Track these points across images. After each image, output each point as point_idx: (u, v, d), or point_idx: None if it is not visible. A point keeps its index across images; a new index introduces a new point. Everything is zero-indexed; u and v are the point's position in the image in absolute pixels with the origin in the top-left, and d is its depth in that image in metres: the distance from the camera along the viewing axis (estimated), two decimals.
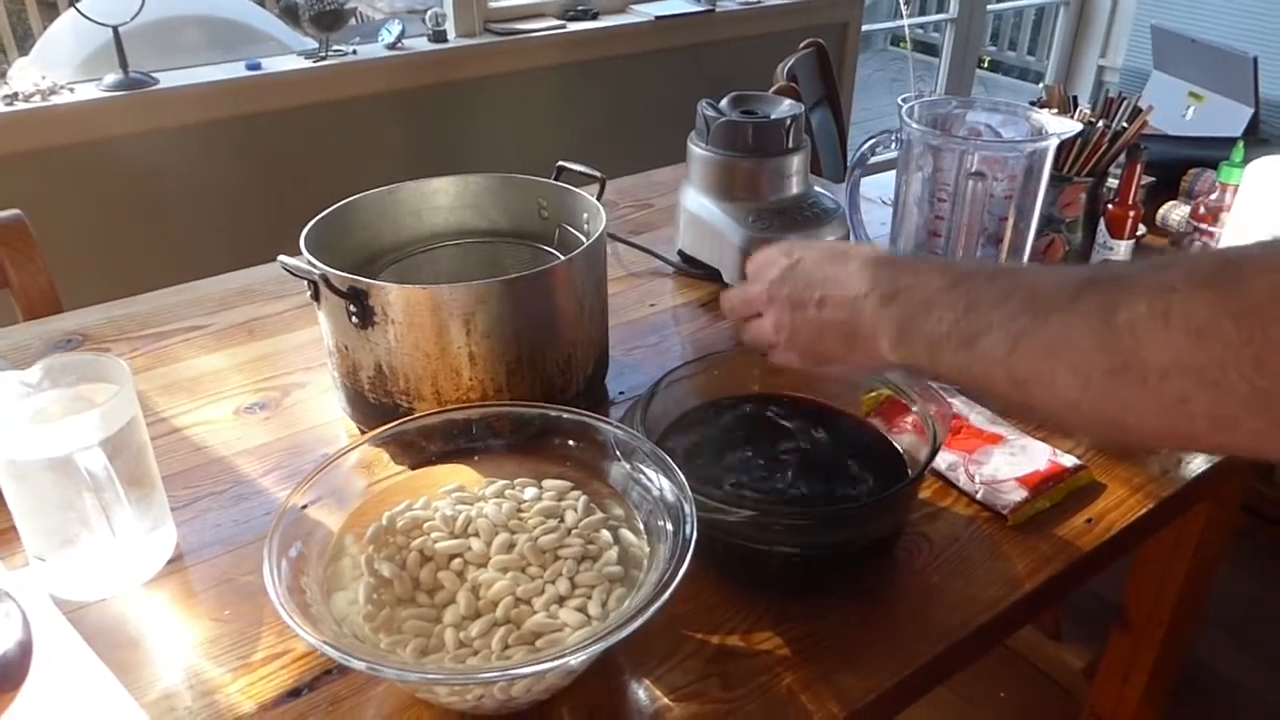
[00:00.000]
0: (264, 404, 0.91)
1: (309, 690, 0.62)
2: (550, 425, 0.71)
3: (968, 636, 0.67)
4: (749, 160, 1.07)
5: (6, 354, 0.95)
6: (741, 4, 2.72)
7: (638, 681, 0.63)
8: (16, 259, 1.16)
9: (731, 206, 1.07)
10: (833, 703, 0.61)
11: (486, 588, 0.60)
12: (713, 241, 1.09)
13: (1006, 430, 0.85)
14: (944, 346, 0.54)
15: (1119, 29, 3.66)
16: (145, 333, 1.03)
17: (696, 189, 1.11)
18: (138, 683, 0.62)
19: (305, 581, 0.59)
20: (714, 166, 1.08)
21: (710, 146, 1.08)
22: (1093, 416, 0.48)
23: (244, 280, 1.14)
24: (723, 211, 1.07)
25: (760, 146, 1.06)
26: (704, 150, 1.09)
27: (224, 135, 2.08)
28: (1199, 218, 1.20)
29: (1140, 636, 1.08)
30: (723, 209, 1.07)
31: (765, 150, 1.06)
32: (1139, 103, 1.23)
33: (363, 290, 0.76)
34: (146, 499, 0.69)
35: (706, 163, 1.09)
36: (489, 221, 0.99)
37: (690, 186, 1.12)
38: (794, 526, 0.66)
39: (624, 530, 0.66)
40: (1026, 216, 0.91)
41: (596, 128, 2.54)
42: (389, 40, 2.26)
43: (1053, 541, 0.75)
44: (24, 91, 1.88)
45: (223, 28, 2.38)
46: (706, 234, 1.10)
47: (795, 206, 1.08)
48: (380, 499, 0.68)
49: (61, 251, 1.44)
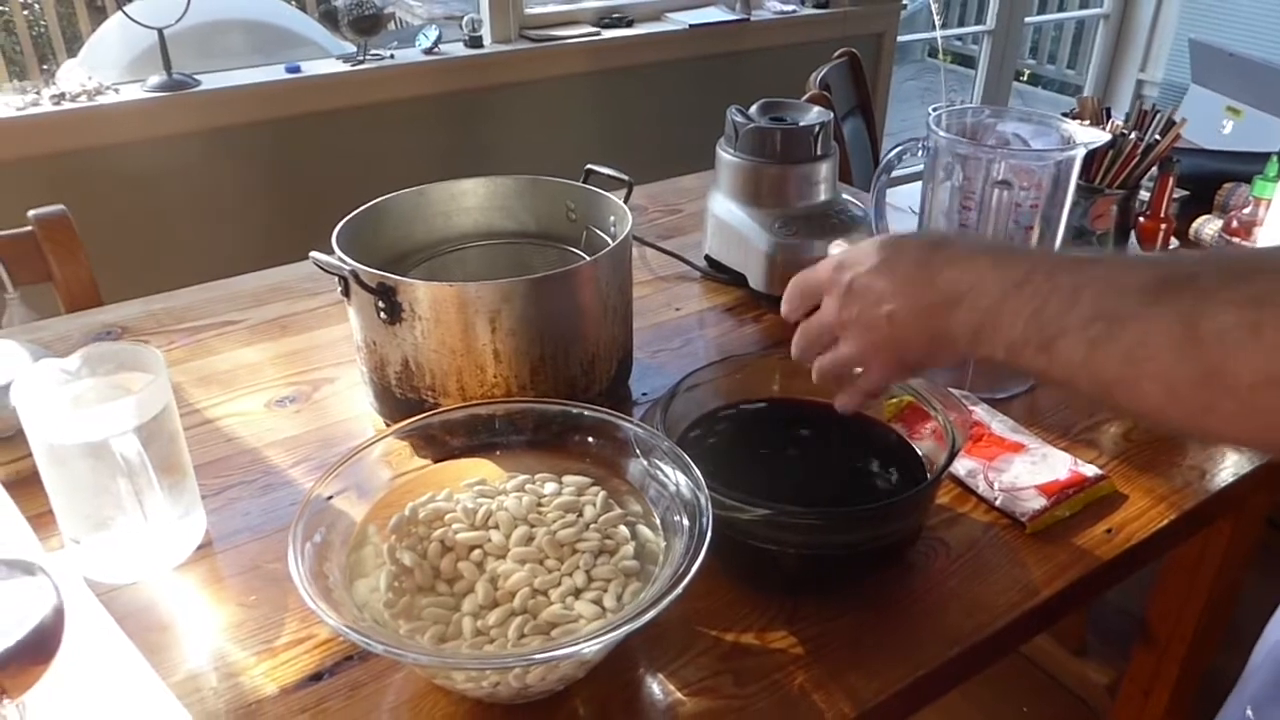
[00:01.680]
0: (294, 398, 0.93)
1: (330, 675, 0.63)
2: (571, 422, 0.72)
3: (981, 641, 0.67)
4: (776, 166, 1.07)
5: (49, 344, 0.98)
6: (776, 14, 2.73)
7: (651, 676, 0.64)
8: (59, 253, 1.20)
9: (759, 212, 1.08)
10: (844, 702, 0.62)
11: (505, 578, 0.61)
12: (739, 247, 1.10)
13: (1028, 439, 0.85)
14: (1022, 350, 0.54)
15: (1159, 43, 3.62)
16: (182, 326, 1.06)
17: (724, 194, 1.11)
18: (166, 663, 0.64)
19: (328, 568, 0.60)
20: (742, 172, 1.09)
21: (738, 152, 1.09)
22: (1180, 422, 0.48)
23: (278, 277, 1.17)
24: (749, 217, 1.08)
25: (788, 153, 1.07)
26: (732, 156, 1.09)
27: (263, 136, 2.12)
28: (1231, 232, 1.19)
29: (1163, 652, 1.07)
30: (750, 214, 1.08)
31: (793, 157, 1.07)
32: (1174, 116, 1.22)
33: (391, 287, 0.78)
34: (178, 485, 0.71)
35: (734, 168, 1.09)
36: (517, 223, 1.00)
37: (718, 192, 1.13)
38: (808, 526, 0.67)
39: (641, 526, 0.67)
40: (1053, 227, 0.90)
41: (628, 134, 2.56)
42: (426, 45, 2.29)
43: (1071, 550, 0.75)
44: (71, 92, 1.93)
45: (264, 31, 2.42)
46: (733, 239, 1.11)
47: (822, 214, 1.08)
48: (403, 491, 0.69)
49: (103, 247, 1.47)
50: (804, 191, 1.09)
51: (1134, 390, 0.48)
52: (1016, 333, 0.54)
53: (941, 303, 0.58)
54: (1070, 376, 0.52)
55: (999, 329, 0.55)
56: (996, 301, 0.55)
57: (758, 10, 2.74)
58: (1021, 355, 0.54)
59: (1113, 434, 0.89)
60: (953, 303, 0.58)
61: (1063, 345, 0.51)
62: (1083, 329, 0.50)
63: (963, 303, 0.57)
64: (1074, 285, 0.51)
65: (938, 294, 0.59)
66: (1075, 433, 0.89)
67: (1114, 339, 0.48)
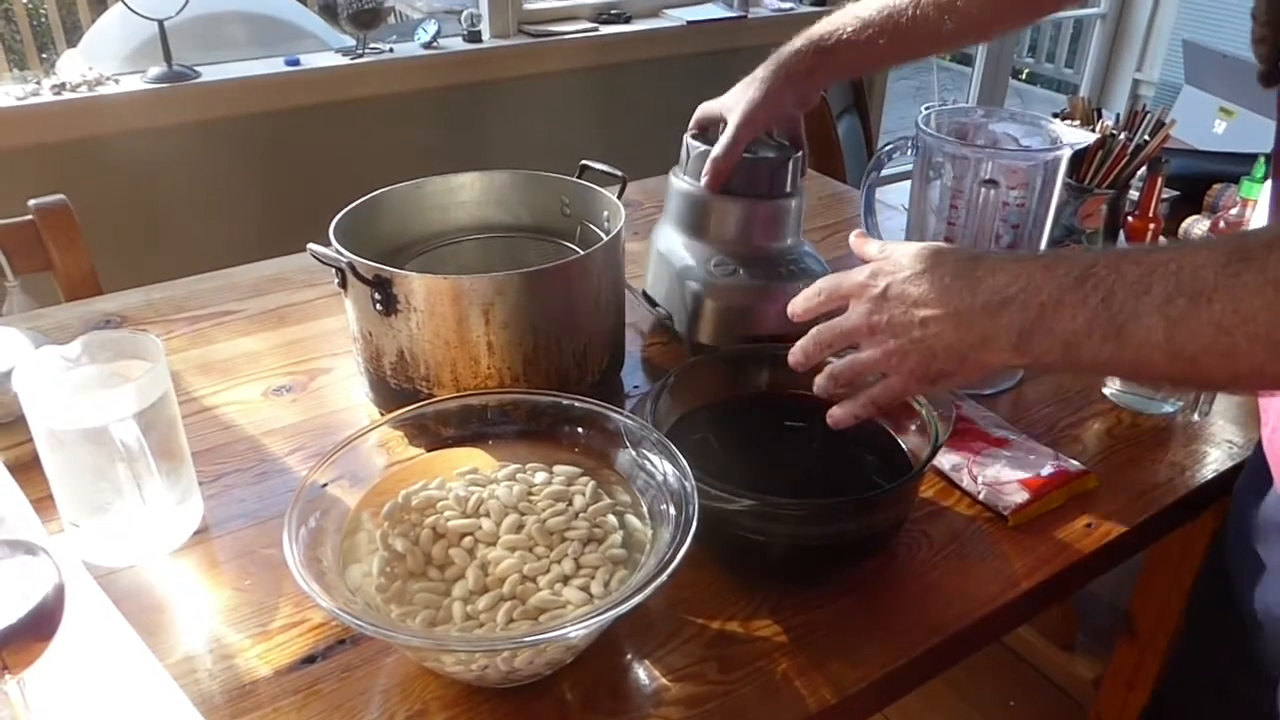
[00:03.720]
0: (291, 387, 0.95)
1: (322, 658, 0.65)
2: (562, 413, 0.74)
3: (962, 631, 0.69)
4: (723, 199, 0.94)
5: (49, 332, 0.99)
6: (774, 11, 2.74)
7: (638, 662, 0.65)
8: (60, 241, 1.21)
9: (697, 246, 0.95)
10: (826, 689, 0.63)
11: (495, 565, 0.63)
12: (669, 282, 0.96)
13: (1013, 434, 0.86)
14: (1084, 342, 0.55)
15: (1155, 43, 3.64)
16: (180, 316, 1.07)
17: (669, 225, 0.99)
18: (162, 645, 0.65)
19: (322, 552, 0.62)
20: (685, 200, 0.96)
21: (686, 177, 0.97)
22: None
23: (276, 269, 1.18)
24: (686, 250, 0.95)
25: (742, 185, 0.94)
26: (679, 180, 0.97)
27: (262, 128, 2.13)
28: (1219, 232, 1.21)
29: (1146, 645, 1.08)
30: (687, 248, 0.95)
31: (745, 190, 0.94)
32: (1167, 116, 1.24)
33: (387, 279, 0.79)
34: (176, 471, 0.73)
35: (679, 196, 0.97)
36: (513, 217, 1.02)
37: (664, 223, 1.00)
38: (793, 517, 0.68)
39: (629, 516, 0.68)
40: (1040, 225, 0.92)
41: (626, 129, 2.56)
42: (425, 39, 2.30)
43: (1051, 543, 0.76)
44: (71, 82, 1.94)
45: (263, 24, 2.43)
46: (666, 273, 0.97)
47: (773, 259, 0.94)
48: (397, 479, 0.71)
49: (103, 237, 1.48)
50: (753, 232, 0.95)
51: (1230, 356, 0.50)
52: (1078, 325, 0.55)
53: (985, 307, 0.59)
54: (1144, 358, 0.53)
55: (1055, 325, 0.56)
56: (1053, 298, 0.56)
57: (755, 7, 2.75)
58: (1082, 348, 0.55)
59: (1096, 430, 0.90)
60: (999, 306, 0.58)
61: (1136, 328, 0.52)
62: (1160, 309, 0.51)
63: (1011, 304, 0.58)
64: (1141, 274, 0.53)
65: (981, 299, 0.59)
66: (1059, 429, 0.90)
67: (1200, 311, 0.50)
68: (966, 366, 0.62)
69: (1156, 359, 0.53)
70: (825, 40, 0.95)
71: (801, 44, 0.95)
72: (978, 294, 0.60)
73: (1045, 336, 0.57)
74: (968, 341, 0.61)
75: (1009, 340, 0.58)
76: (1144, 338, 0.52)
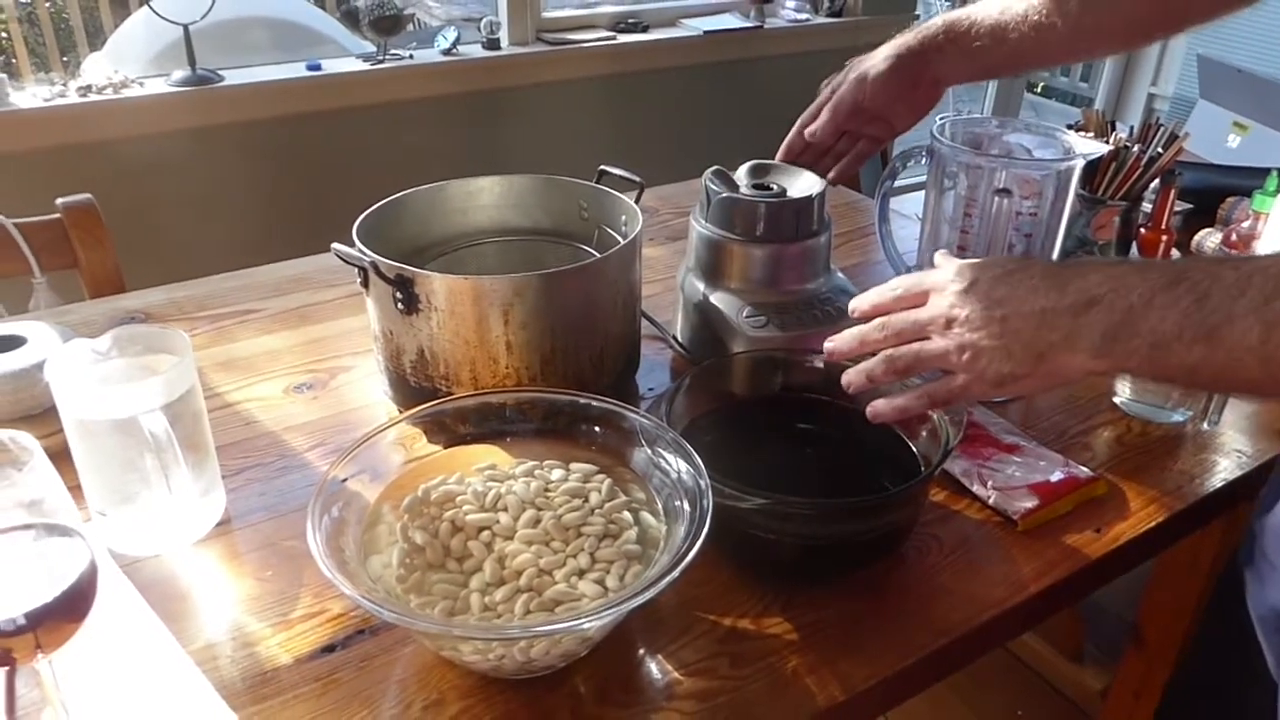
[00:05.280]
0: (312, 384, 0.96)
1: (342, 648, 0.66)
2: (580, 412, 0.75)
3: (969, 633, 0.69)
4: (750, 245, 0.91)
5: (75, 327, 1.00)
6: (790, 22, 2.76)
7: (650, 656, 0.66)
8: (86, 240, 1.23)
9: (727, 298, 0.92)
10: (835, 686, 0.64)
11: (512, 558, 0.64)
12: (706, 332, 0.94)
13: (1023, 440, 0.87)
14: (1172, 344, 0.55)
15: (1170, 57, 3.64)
16: (204, 313, 1.09)
17: (694, 272, 0.96)
18: (185, 632, 0.67)
19: (344, 542, 0.63)
20: (710, 248, 0.94)
21: (708, 224, 0.93)
22: None
23: (298, 269, 1.20)
24: (719, 303, 0.92)
25: (770, 229, 0.91)
26: (701, 228, 0.94)
27: (284, 131, 2.16)
28: (1230, 245, 1.21)
29: (1154, 654, 1.09)
30: (719, 299, 0.92)
31: (772, 235, 0.91)
32: (1181, 130, 1.24)
33: (409, 278, 0.81)
34: (201, 463, 0.74)
35: (703, 243, 0.94)
36: (531, 220, 1.03)
37: (689, 269, 0.97)
38: (805, 517, 0.69)
39: (644, 513, 0.69)
40: (1052, 234, 0.93)
41: (642, 136, 2.59)
42: (444, 46, 2.33)
43: (1060, 549, 0.77)
44: (97, 84, 1.97)
45: (286, 29, 2.46)
46: (702, 325, 0.95)
47: (805, 303, 0.92)
48: (416, 474, 0.72)
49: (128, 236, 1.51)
50: (782, 276, 0.92)
51: None
52: (1168, 325, 0.55)
53: (1071, 307, 0.59)
54: (1236, 360, 0.53)
55: (1144, 325, 0.56)
56: (1143, 299, 0.56)
57: (772, 18, 2.77)
58: (1171, 350, 0.55)
59: (1106, 438, 0.91)
60: (1086, 305, 0.58)
61: (1230, 331, 0.53)
62: (1257, 311, 0.52)
63: (1099, 304, 0.58)
64: (1238, 278, 0.53)
65: (1069, 299, 0.59)
66: (1070, 436, 0.91)
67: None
68: (1040, 370, 0.61)
69: (1249, 362, 0.52)
70: (959, 23, 0.93)
71: (936, 22, 0.94)
72: (1065, 293, 0.59)
73: (1131, 338, 0.56)
74: (1048, 340, 0.60)
75: (1091, 340, 0.58)
76: (1238, 340, 0.52)
